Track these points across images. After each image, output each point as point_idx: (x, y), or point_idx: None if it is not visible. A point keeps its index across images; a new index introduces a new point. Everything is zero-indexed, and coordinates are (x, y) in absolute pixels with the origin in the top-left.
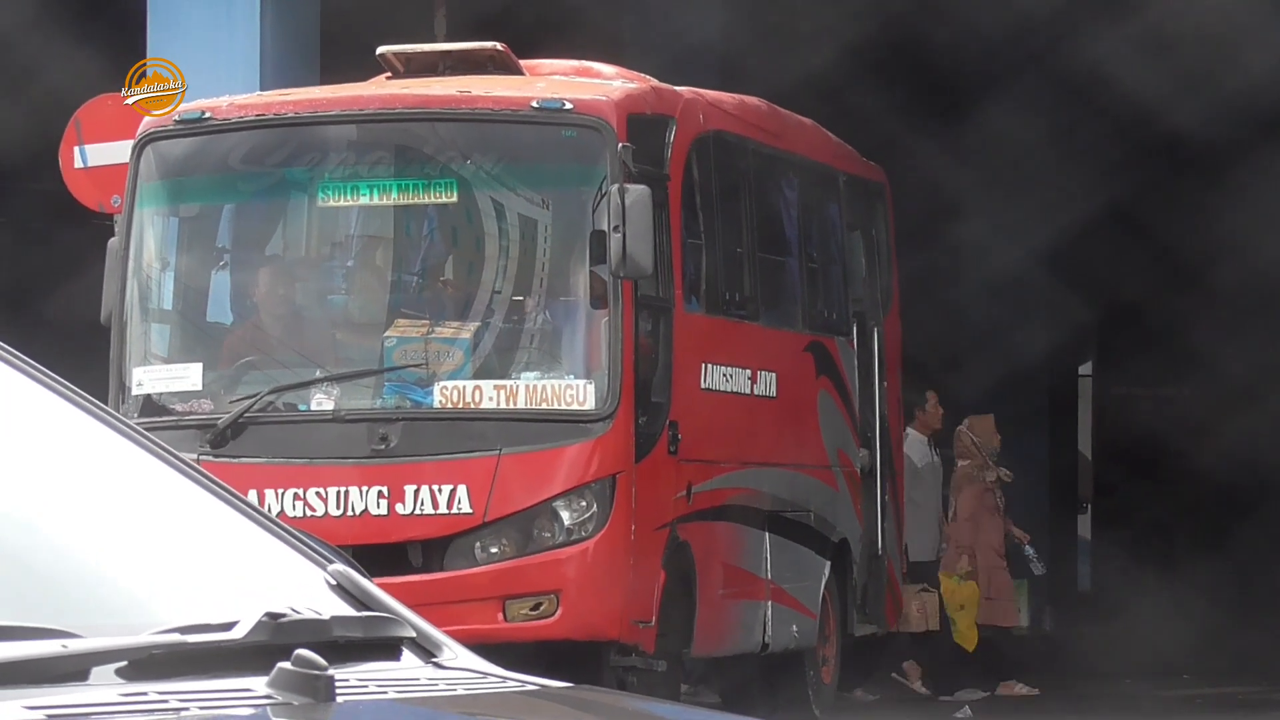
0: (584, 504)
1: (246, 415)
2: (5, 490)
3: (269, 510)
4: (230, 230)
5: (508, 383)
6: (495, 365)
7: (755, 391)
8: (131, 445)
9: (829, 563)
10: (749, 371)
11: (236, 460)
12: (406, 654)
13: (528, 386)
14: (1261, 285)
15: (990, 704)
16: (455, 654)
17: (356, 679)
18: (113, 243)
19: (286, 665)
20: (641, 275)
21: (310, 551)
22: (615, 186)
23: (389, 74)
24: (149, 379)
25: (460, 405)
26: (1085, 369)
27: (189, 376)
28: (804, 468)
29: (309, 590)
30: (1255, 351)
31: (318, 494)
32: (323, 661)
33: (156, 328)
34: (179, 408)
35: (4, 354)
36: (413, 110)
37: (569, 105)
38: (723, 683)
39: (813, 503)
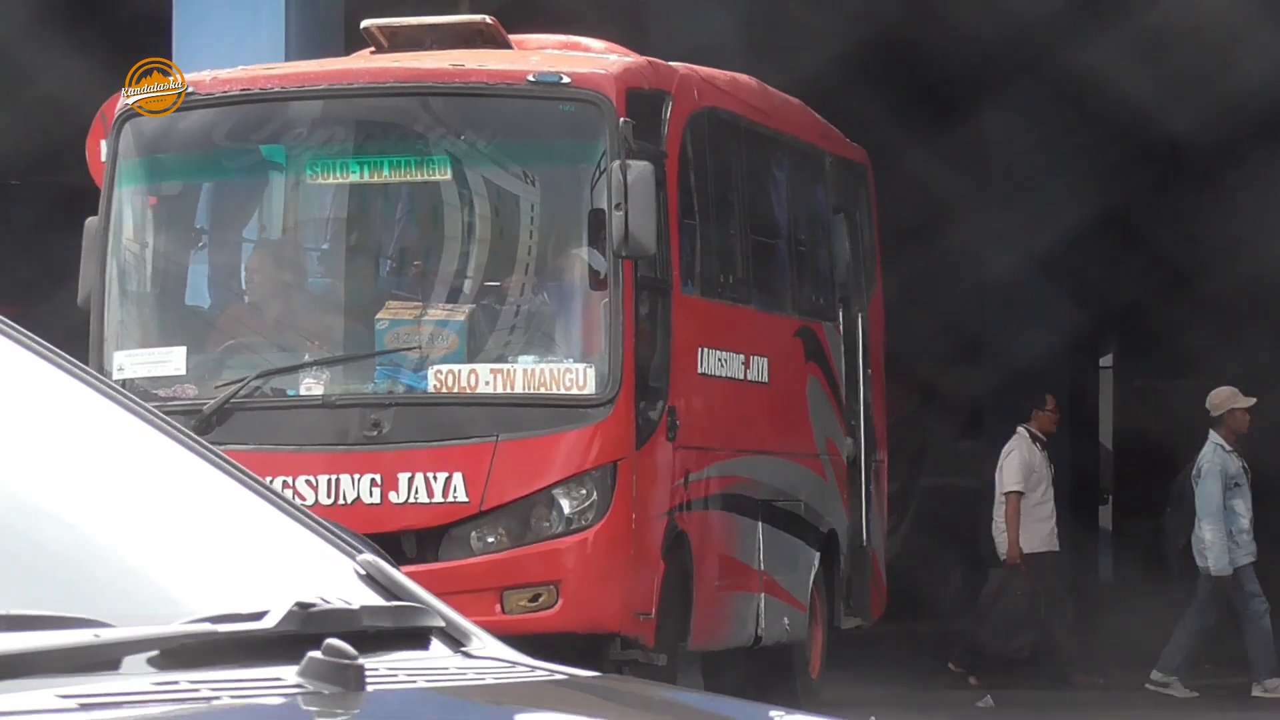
0: (584, 492)
1: (233, 400)
2: (35, 483)
3: None
4: (214, 209)
5: (504, 366)
6: (491, 348)
7: (748, 377)
8: (160, 435)
9: (818, 554)
10: (742, 356)
11: (222, 447)
12: (435, 643)
13: (525, 371)
14: None
15: (1014, 694)
16: (484, 643)
17: (386, 668)
18: (91, 222)
19: (317, 654)
20: (644, 254)
21: (339, 541)
22: (617, 163)
23: (372, 49)
24: (130, 363)
25: (455, 390)
26: (1106, 361)
27: (172, 360)
28: (795, 456)
29: (338, 580)
30: (1276, 342)
31: (308, 482)
32: (353, 651)
33: (138, 310)
34: (161, 393)
35: (33, 343)
36: (404, 84)
37: (566, 79)
38: (708, 676)
39: (803, 492)
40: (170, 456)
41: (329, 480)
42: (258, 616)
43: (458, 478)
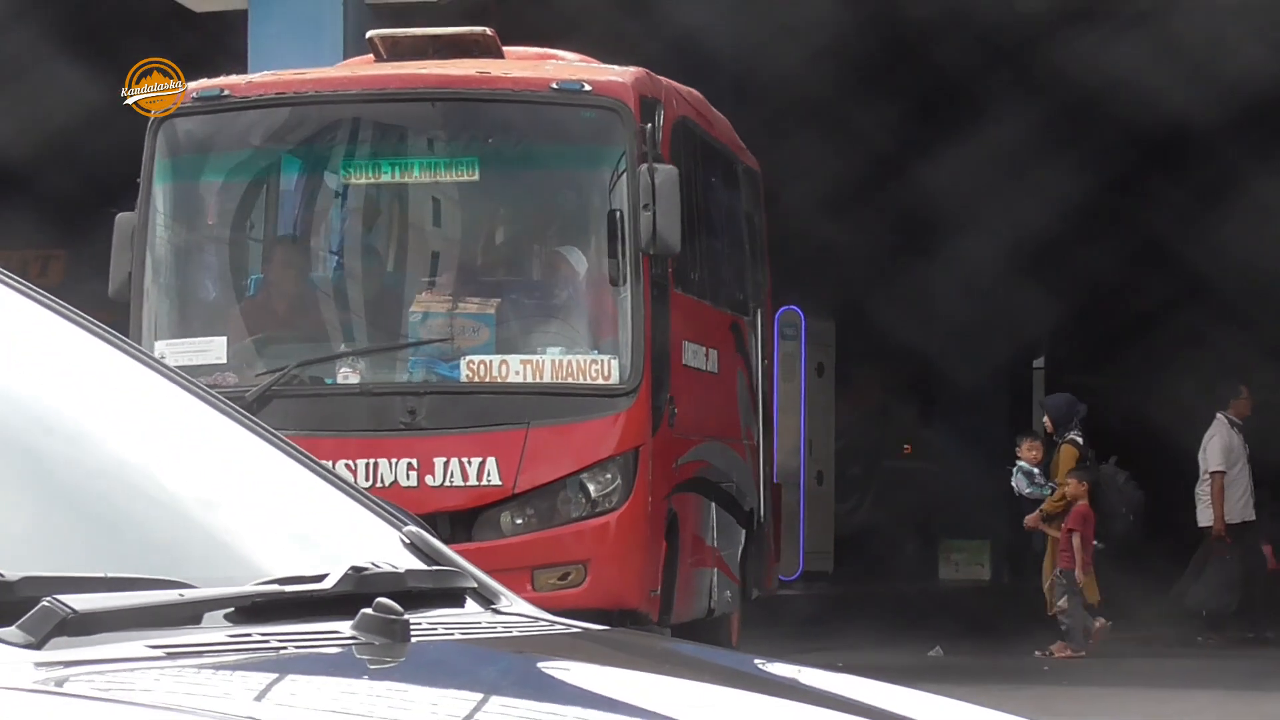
0: (608, 476)
1: (273, 389)
2: (127, 465)
3: None
4: (251, 207)
5: (534, 357)
6: (519, 340)
7: (708, 368)
8: (229, 420)
9: (744, 531)
10: (704, 349)
11: None
12: (470, 602)
13: (554, 361)
14: (1193, 286)
15: (958, 643)
16: (511, 602)
17: (428, 623)
18: (124, 217)
19: (369, 611)
20: (671, 253)
21: (387, 514)
22: (645, 166)
23: (374, 58)
24: (172, 352)
25: (487, 380)
26: (1038, 362)
27: (213, 350)
28: (732, 441)
29: (387, 548)
30: (1185, 345)
31: (347, 466)
32: (399, 608)
33: (178, 302)
34: (203, 381)
35: (97, 328)
36: (434, 90)
37: (588, 87)
38: None
39: (736, 475)
40: (238, 439)
41: (367, 464)
42: (319, 578)
43: (491, 462)
